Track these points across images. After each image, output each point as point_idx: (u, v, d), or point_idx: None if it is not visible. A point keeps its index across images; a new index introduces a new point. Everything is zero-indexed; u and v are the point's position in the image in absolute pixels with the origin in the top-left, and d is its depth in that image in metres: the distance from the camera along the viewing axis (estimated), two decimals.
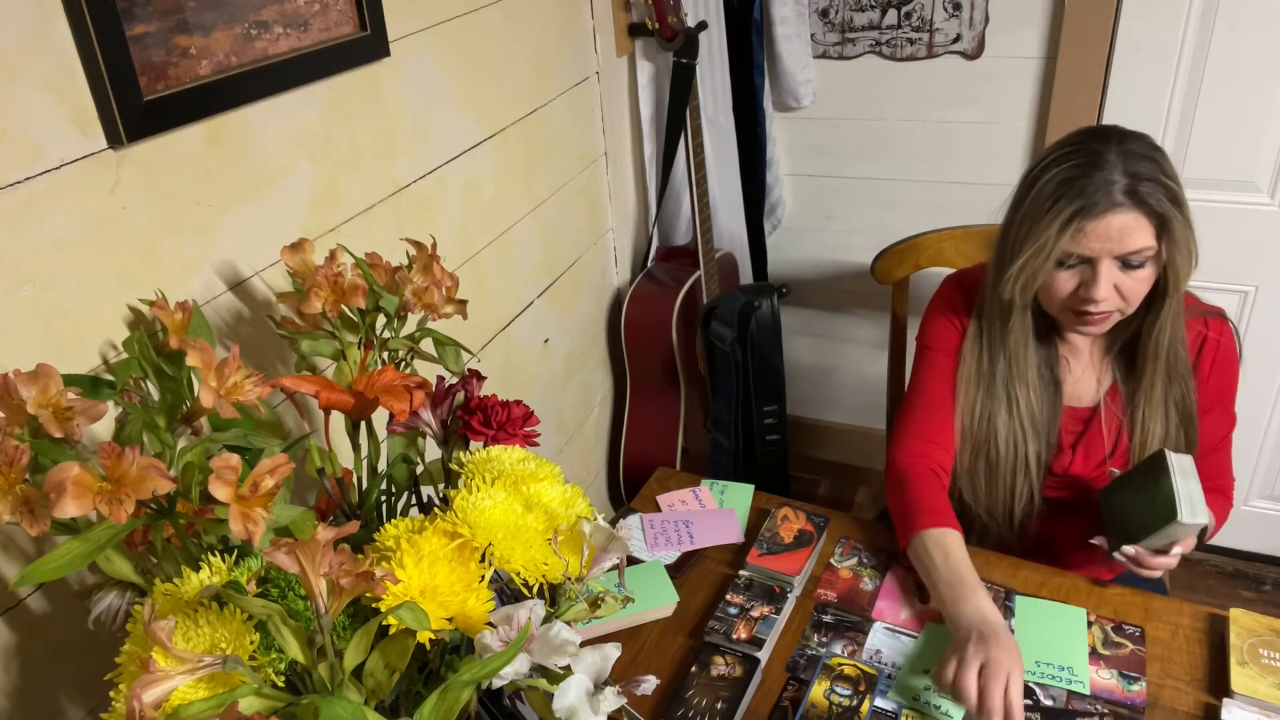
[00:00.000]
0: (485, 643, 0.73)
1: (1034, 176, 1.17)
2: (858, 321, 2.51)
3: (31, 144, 0.90)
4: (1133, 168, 1.10)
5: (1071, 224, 1.11)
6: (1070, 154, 1.14)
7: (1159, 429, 1.27)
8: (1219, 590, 2.26)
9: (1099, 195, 1.10)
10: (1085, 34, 1.95)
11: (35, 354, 0.92)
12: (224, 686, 0.65)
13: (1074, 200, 1.11)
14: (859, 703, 1.08)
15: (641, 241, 2.18)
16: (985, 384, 1.30)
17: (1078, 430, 1.33)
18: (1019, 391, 1.28)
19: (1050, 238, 1.13)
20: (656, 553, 1.34)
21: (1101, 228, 1.11)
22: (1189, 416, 1.27)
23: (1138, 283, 1.15)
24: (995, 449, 1.30)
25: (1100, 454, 1.32)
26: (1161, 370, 1.25)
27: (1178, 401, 1.27)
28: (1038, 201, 1.14)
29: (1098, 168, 1.11)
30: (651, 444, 2.14)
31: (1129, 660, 1.12)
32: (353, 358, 0.96)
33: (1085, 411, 1.33)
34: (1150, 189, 1.10)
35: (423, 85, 1.40)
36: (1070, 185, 1.11)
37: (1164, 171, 1.12)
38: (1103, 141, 1.13)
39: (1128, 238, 1.11)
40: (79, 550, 0.69)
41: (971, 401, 1.32)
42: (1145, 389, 1.26)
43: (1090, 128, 1.20)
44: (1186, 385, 1.26)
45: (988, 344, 1.30)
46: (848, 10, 2.15)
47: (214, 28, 1.05)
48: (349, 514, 0.95)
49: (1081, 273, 1.16)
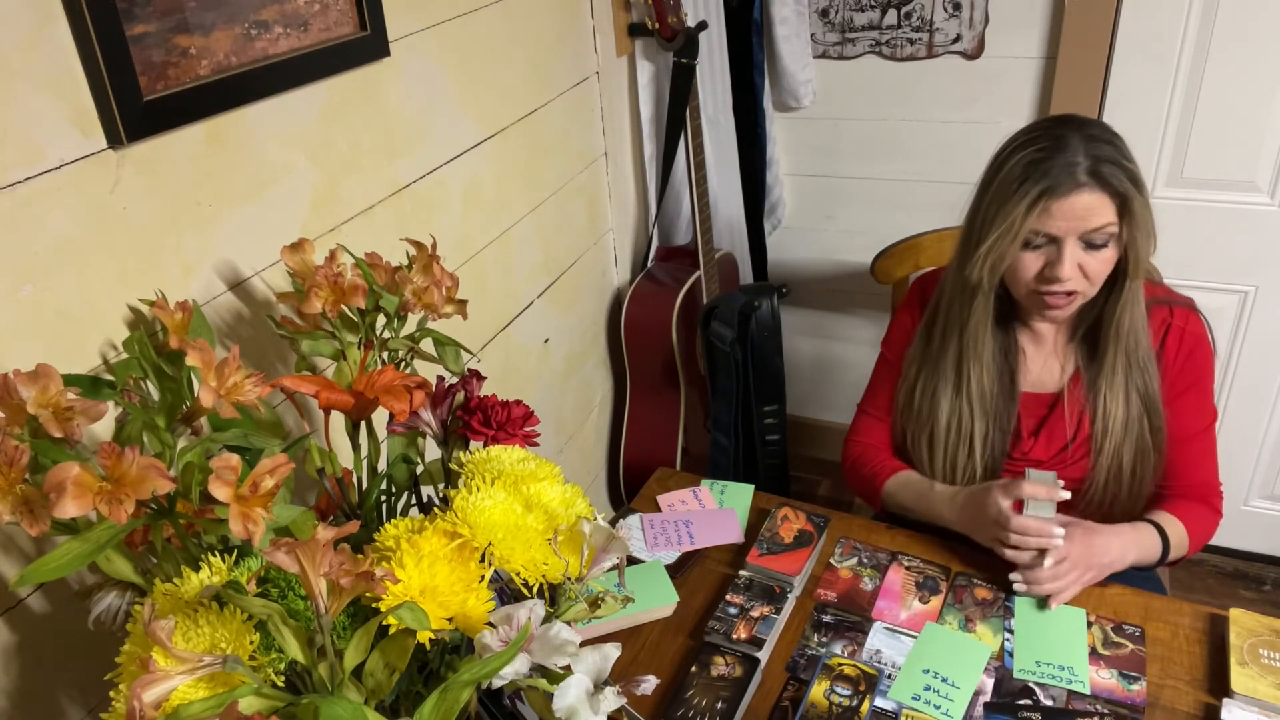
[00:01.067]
0: (485, 643, 0.73)
1: (1000, 161, 1.22)
2: (858, 321, 2.51)
3: (31, 144, 0.90)
4: (1094, 150, 1.16)
5: (1039, 204, 1.16)
6: (1035, 139, 1.19)
7: (1120, 413, 1.28)
8: (1219, 590, 2.26)
9: (1063, 176, 1.15)
10: (1085, 34, 1.95)
11: (35, 354, 0.92)
12: (224, 686, 0.65)
13: (1039, 181, 1.16)
14: (859, 703, 1.08)
15: (641, 241, 2.18)
16: (933, 362, 1.35)
17: (1040, 415, 1.35)
18: (972, 370, 1.32)
19: (1018, 217, 1.17)
20: (656, 553, 1.34)
21: (1066, 207, 1.15)
22: (1151, 402, 1.29)
23: (1100, 263, 1.19)
24: (936, 425, 1.35)
25: (1062, 439, 1.33)
26: (1123, 353, 1.27)
27: (1139, 387, 1.29)
28: (1005, 183, 1.19)
29: (1061, 151, 1.16)
30: (651, 444, 2.14)
31: (1129, 660, 1.12)
32: (353, 358, 0.96)
33: (1048, 398, 1.35)
34: (1111, 170, 1.15)
35: (423, 85, 1.40)
36: (1036, 167, 1.16)
37: (1123, 155, 1.18)
38: (1065, 127, 1.19)
39: (1092, 216, 1.16)
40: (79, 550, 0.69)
41: (913, 381, 1.38)
42: (1107, 373, 1.28)
43: (1052, 116, 1.26)
44: (1148, 371, 1.28)
45: (942, 325, 1.34)
46: (848, 10, 2.16)
47: (214, 28, 1.05)
48: (349, 514, 0.95)
49: (1047, 253, 1.20)
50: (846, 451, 1.50)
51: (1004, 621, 1.18)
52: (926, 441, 1.37)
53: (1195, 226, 2.04)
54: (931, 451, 1.36)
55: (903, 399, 1.40)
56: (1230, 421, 2.17)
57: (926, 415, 1.36)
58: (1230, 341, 2.13)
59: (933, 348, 1.35)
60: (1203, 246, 2.05)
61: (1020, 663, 1.13)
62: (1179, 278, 1.90)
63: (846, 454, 1.50)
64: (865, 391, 1.51)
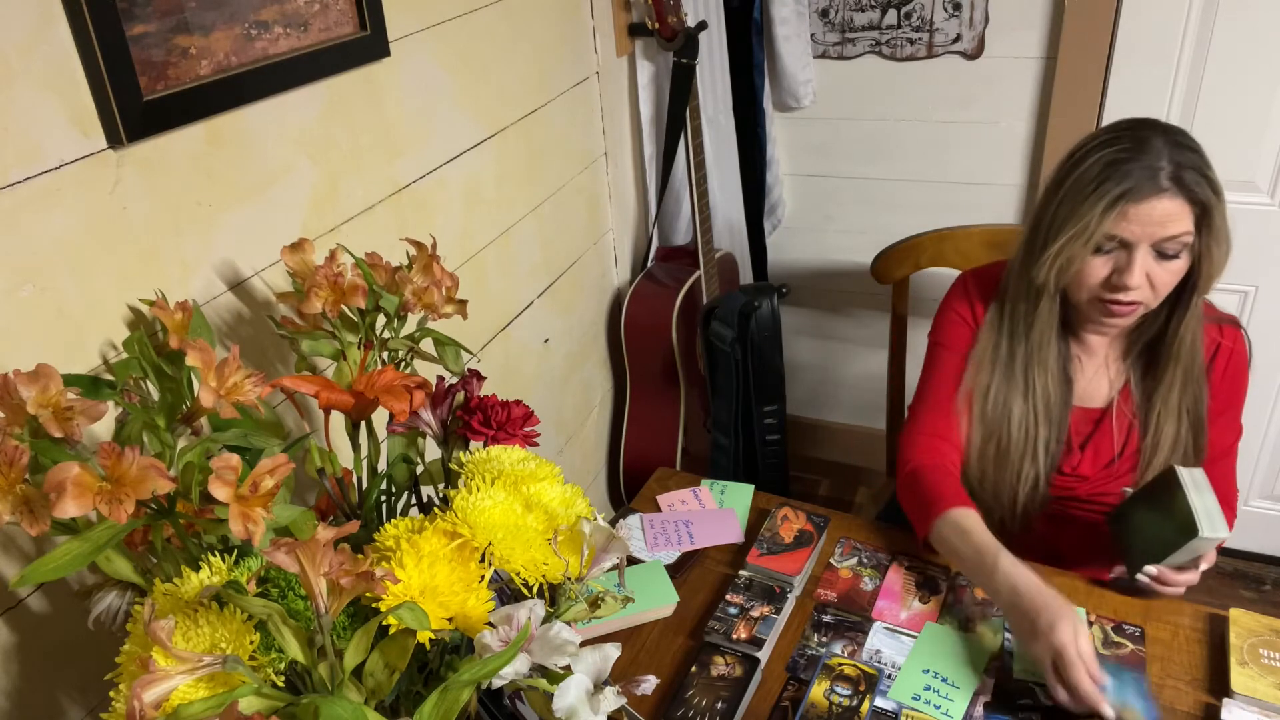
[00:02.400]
0: (485, 643, 0.73)
1: (1077, 159, 1.16)
2: (858, 321, 2.51)
3: (31, 144, 0.90)
4: (1178, 156, 1.11)
5: (1116, 206, 1.11)
6: (1116, 138, 1.14)
7: (1171, 431, 1.26)
8: (1219, 590, 2.26)
9: (1144, 179, 1.10)
10: (1085, 34, 1.95)
11: (35, 354, 0.92)
12: (224, 686, 0.65)
13: (1120, 182, 1.11)
14: (859, 703, 1.08)
15: (641, 241, 2.18)
16: (1003, 368, 1.30)
17: (1087, 431, 1.33)
18: (1037, 377, 1.28)
19: (1094, 219, 1.12)
20: (656, 553, 1.34)
21: (1145, 211, 1.11)
22: (1200, 421, 1.27)
23: (1169, 274, 1.15)
24: (1008, 432, 1.30)
25: (1109, 454, 1.32)
26: (1182, 371, 1.25)
27: (1190, 406, 1.26)
28: (1081, 183, 1.14)
29: (1144, 153, 1.11)
30: (651, 444, 2.14)
31: (1129, 660, 1.12)
32: (353, 358, 0.96)
33: (1096, 412, 1.33)
34: (1194, 177, 1.11)
35: (423, 85, 1.40)
36: (1116, 168, 1.12)
37: (1206, 164, 1.13)
38: (1149, 129, 1.14)
39: (1170, 223, 1.11)
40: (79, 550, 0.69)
41: (985, 385, 1.31)
42: (1164, 390, 1.26)
43: (1135, 118, 1.19)
44: (1200, 389, 1.26)
45: (1009, 329, 1.29)
46: (848, 10, 2.16)
47: (214, 28, 1.05)
48: (349, 514, 0.95)
49: (1116, 259, 1.15)
50: (908, 455, 1.33)
51: (1004, 621, 1.18)
52: (995, 449, 1.32)
53: None
54: (1000, 459, 1.31)
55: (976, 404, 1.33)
56: None
57: (998, 420, 1.31)
58: None
59: (1001, 351, 1.30)
60: None
61: (1020, 663, 1.13)
62: None
63: (909, 457, 1.33)
64: (925, 386, 1.39)
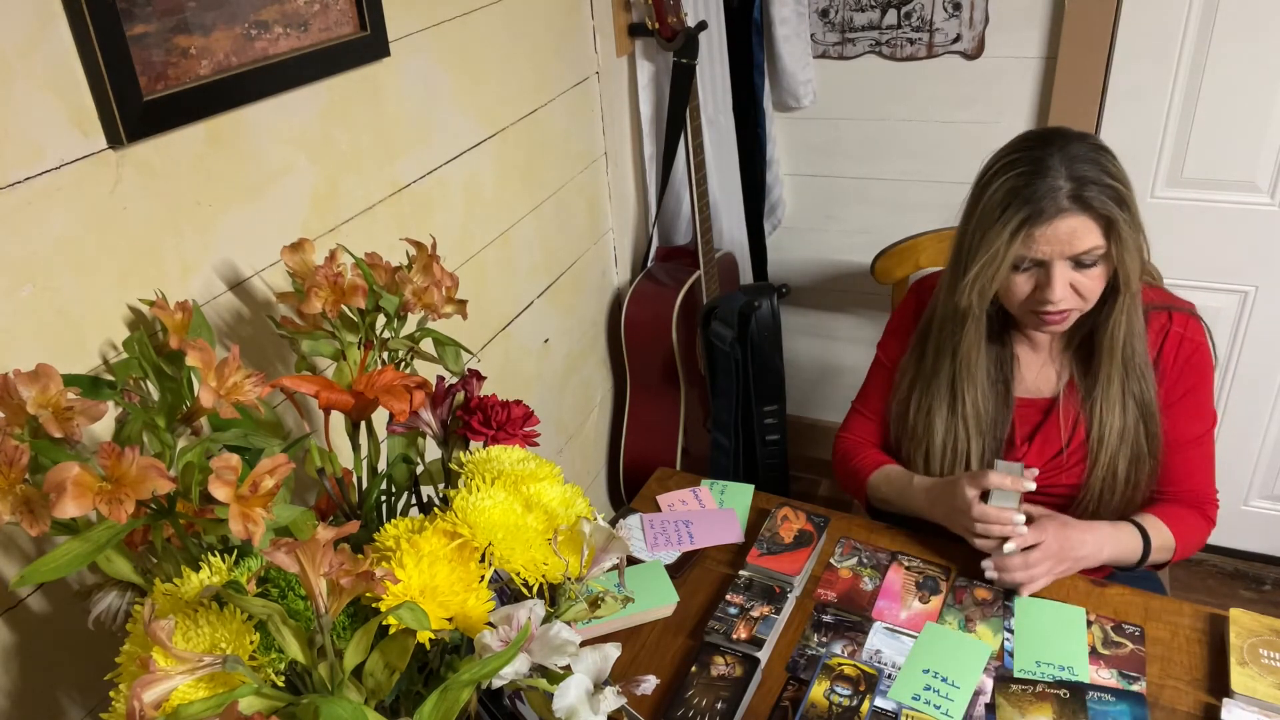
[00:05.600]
0: (485, 643, 0.73)
1: (982, 186, 1.21)
2: (858, 321, 2.51)
3: (31, 144, 0.90)
4: (1076, 171, 1.13)
5: (1021, 231, 1.15)
6: (1014, 161, 1.17)
7: (1117, 422, 1.28)
8: (1219, 590, 2.27)
9: (1045, 202, 1.13)
10: (1085, 34, 1.95)
11: (35, 354, 0.92)
12: (224, 686, 0.65)
13: (1020, 209, 1.14)
14: (859, 703, 1.08)
15: (641, 241, 2.18)
16: (925, 380, 1.35)
17: (1035, 421, 1.35)
18: (965, 391, 1.31)
19: (1001, 245, 1.16)
20: (656, 553, 1.34)
21: (1050, 233, 1.14)
22: (1148, 409, 1.28)
23: (1093, 280, 1.18)
24: (932, 443, 1.35)
25: (1056, 445, 1.33)
26: (1118, 365, 1.26)
27: (1136, 395, 1.28)
28: (987, 210, 1.18)
29: (1041, 175, 1.14)
30: (651, 444, 2.14)
31: (1129, 660, 1.12)
32: (353, 358, 0.96)
33: (1044, 402, 1.34)
34: (1094, 192, 1.13)
35: (423, 85, 1.40)
36: (1016, 194, 1.15)
37: (1107, 173, 1.15)
38: (1046, 146, 1.16)
39: (1077, 240, 1.14)
40: (79, 550, 0.69)
41: (905, 394, 1.38)
42: (1102, 384, 1.28)
43: (1033, 132, 1.22)
44: (1145, 379, 1.27)
45: (935, 344, 1.33)
46: (848, 10, 2.16)
47: (214, 28, 1.05)
48: (349, 514, 0.95)
49: (1037, 275, 1.19)
50: (836, 446, 1.52)
51: (1004, 621, 1.18)
52: (923, 457, 1.37)
53: (1195, 226, 2.04)
54: (928, 467, 1.36)
55: (895, 409, 1.41)
56: (1230, 421, 2.17)
57: (922, 432, 1.36)
58: (1230, 341, 2.13)
59: (926, 365, 1.35)
60: (1203, 246, 2.04)
61: (1020, 663, 1.13)
62: (1179, 278, 1.90)
63: (836, 449, 1.52)
64: (860, 390, 1.52)
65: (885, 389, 1.44)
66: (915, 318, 1.41)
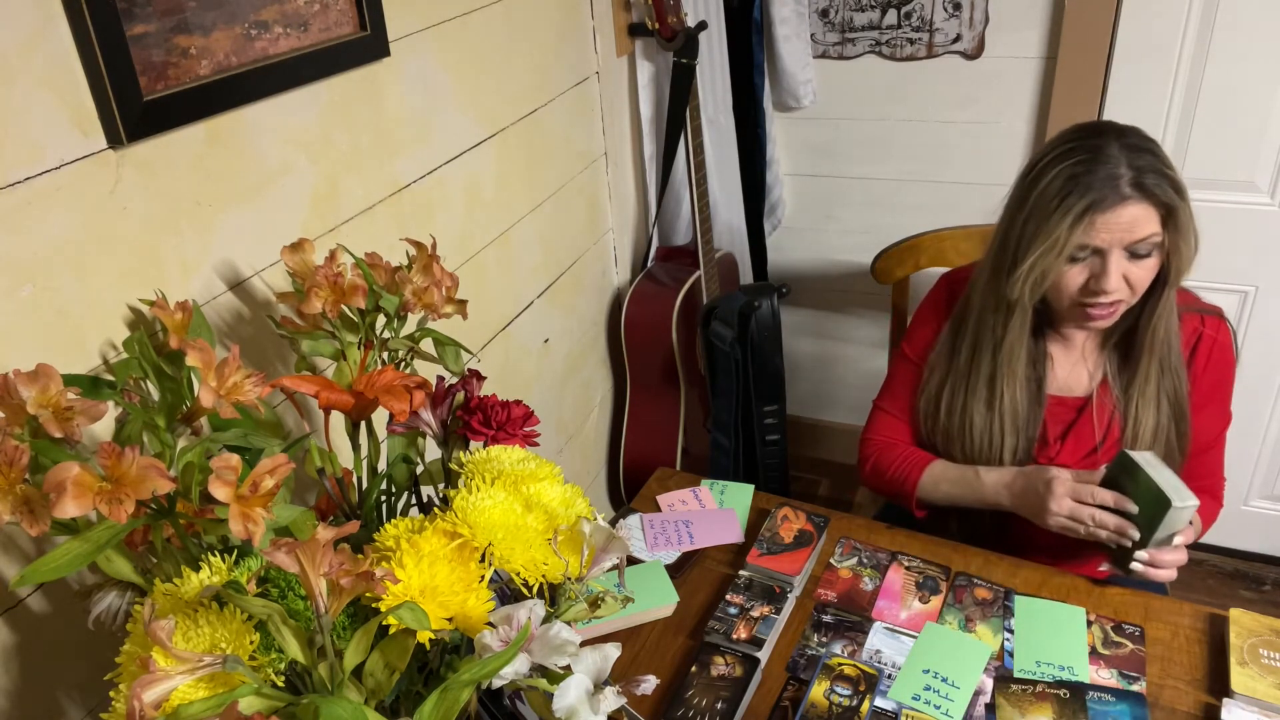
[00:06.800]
0: (485, 643, 0.73)
1: (1036, 174, 1.19)
2: (858, 321, 2.51)
3: (31, 144, 0.90)
4: (1136, 161, 1.14)
5: (1084, 218, 1.14)
6: (1071, 150, 1.16)
7: (1151, 420, 1.28)
8: (1219, 590, 2.26)
9: (1107, 189, 1.13)
10: (1085, 34, 1.95)
11: (35, 354, 0.92)
12: (224, 686, 0.65)
13: (1084, 195, 1.13)
14: (859, 703, 1.08)
15: (641, 241, 2.18)
16: (961, 375, 1.33)
17: (1068, 420, 1.34)
18: (1006, 389, 1.30)
19: (1062, 233, 1.15)
20: (656, 553, 1.34)
21: (1112, 220, 1.14)
22: (1180, 410, 1.29)
23: (1145, 271, 1.18)
24: (970, 440, 1.34)
25: (1090, 444, 1.33)
26: (1156, 361, 1.27)
27: (1169, 394, 1.28)
28: (1044, 198, 1.16)
29: (1102, 162, 1.14)
30: (651, 444, 2.14)
31: (1129, 660, 1.12)
32: (353, 358, 0.96)
33: (1077, 401, 1.34)
34: (1155, 180, 1.14)
35: (423, 85, 1.40)
36: (1077, 181, 1.14)
37: (1164, 163, 1.16)
38: (1102, 136, 1.16)
39: (1138, 227, 1.14)
40: (79, 550, 0.69)
41: (936, 391, 1.36)
42: (1140, 380, 1.28)
43: (1085, 124, 1.22)
44: (1179, 378, 1.28)
45: (972, 339, 1.32)
46: (848, 10, 2.16)
47: (214, 28, 1.05)
48: (349, 514, 0.95)
49: (1091, 265, 1.18)
50: (865, 450, 1.46)
51: (1004, 621, 1.18)
52: (959, 453, 1.35)
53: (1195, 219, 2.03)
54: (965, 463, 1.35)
55: (925, 406, 1.39)
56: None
57: (957, 429, 1.34)
58: None
59: (960, 360, 1.33)
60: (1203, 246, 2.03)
61: (1020, 663, 1.13)
62: None
63: (866, 453, 1.46)
64: (883, 389, 1.49)
65: (913, 385, 1.41)
66: (946, 312, 1.38)
